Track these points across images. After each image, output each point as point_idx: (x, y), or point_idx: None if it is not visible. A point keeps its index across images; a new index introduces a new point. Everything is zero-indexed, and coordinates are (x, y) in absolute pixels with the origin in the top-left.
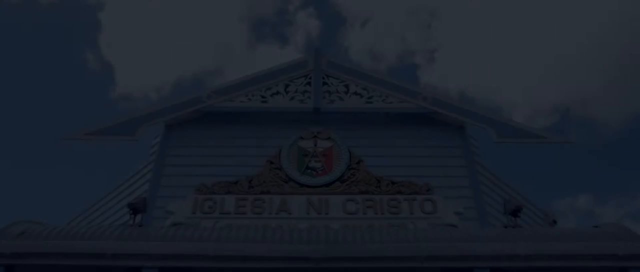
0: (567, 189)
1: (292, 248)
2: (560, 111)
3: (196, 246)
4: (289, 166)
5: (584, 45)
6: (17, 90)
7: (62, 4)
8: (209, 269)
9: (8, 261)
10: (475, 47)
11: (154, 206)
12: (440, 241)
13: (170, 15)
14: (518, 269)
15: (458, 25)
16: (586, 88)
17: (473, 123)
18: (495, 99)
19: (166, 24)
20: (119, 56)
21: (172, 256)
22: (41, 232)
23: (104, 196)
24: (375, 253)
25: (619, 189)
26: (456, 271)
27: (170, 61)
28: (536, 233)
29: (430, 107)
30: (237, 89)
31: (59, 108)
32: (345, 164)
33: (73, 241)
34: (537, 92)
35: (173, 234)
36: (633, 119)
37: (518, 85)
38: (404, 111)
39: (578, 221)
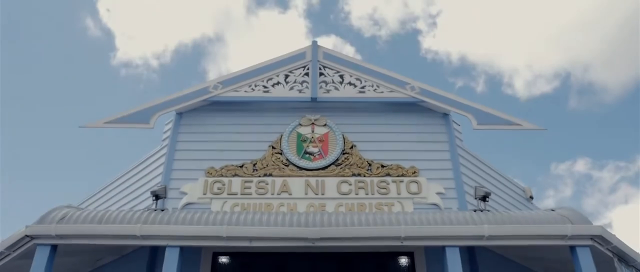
0: (566, 153)
1: (292, 230)
2: (561, 76)
3: (211, 229)
4: (289, 150)
5: (586, 11)
6: (17, 60)
7: None
8: (222, 247)
9: (53, 241)
10: (477, 12)
11: (169, 187)
12: (417, 224)
13: None
14: (483, 247)
15: None
16: (587, 53)
17: (456, 111)
18: (496, 64)
19: None
20: (119, 22)
21: (191, 236)
22: (79, 216)
23: (121, 176)
24: (362, 234)
25: (617, 154)
26: (431, 248)
27: (170, 28)
28: (499, 217)
29: (418, 97)
30: (241, 79)
31: (60, 76)
32: (340, 149)
33: (107, 224)
34: (538, 57)
35: (191, 218)
36: (633, 84)
37: (519, 50)
38: (394, 100)
39: (576, 185)
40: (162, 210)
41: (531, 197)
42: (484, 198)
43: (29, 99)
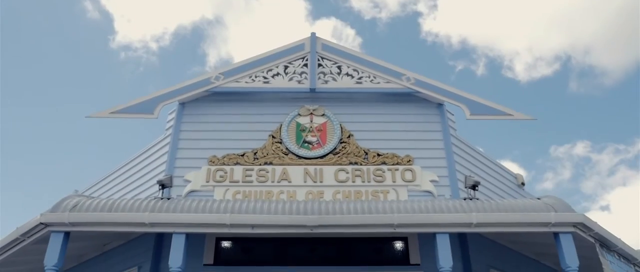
0: (566, 136)
1: (292, 217)
2: (561, 59)
3: (216, 216)
4: (289, 140)
5: None
6: (15, 43)
7: None
8: (225, 233)
9: (66, 229)
10: None
11: (173, 175)
12: (409, 212)
13: None
14: (471, 233)
15: None
16: (588, 36)
17: (450, 101)
18: (497, 47)
19: None
20: (117, 5)
21: (197, 224)
22: (90, 204)
23: (125, 164)
24: (357, 221)
25: (616, 137)
26: (422, 234)
27: (170, 10)
28: (487, 205)
29: (413, 87)
30: (242, 70)
31: (59, 59)
32: (338, 138)
33: (116, 212)
34: (538, 40)
35: (196, 206)
36: (634, 67)
37: (520, 33)
38: (390, 90)
39: (575, 168)
40: (168, 198)
41: (523, 184)
42: (473, 187)
43: (28, 82)
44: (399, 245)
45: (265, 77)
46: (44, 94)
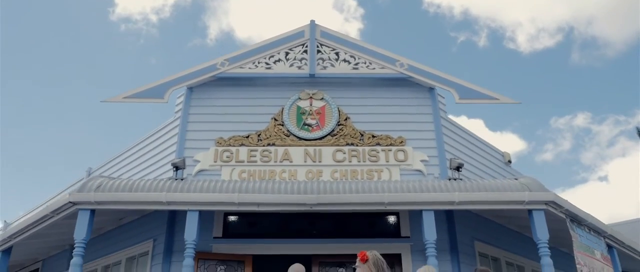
0: (566, 108)
1: (293, 197)
2: (564, 31)
3: (225, 196)
4: (290, 122)
5: None
6: (16, 18)
7: None
8: (234, 211)
9: (92, 207)
10: None
11: (183, 155)
12: (399, 191)
13: None
14: (455, 210)
15: None
16: (591, 7)
17: (440, 86)
18: (499, 18)
19: None
20: None
21: (208, 202)
22: (112, 185)
23: (137, 144)
24: (352, 200)
25: (617, 108)
26: (410, 212)
27: None
28: (468, 185)
29: (406, 73)
30: (245, 57)
31: (60, 32)
32: (335, 120)
33: (136, 192)
34: (541, 10)
35: (208, 186)
36: (636, 38)
37: (523, 4)
38: (385, 76)
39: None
40: (182, 179)
41: (509, 162)
42: (457, 168)
43: (29, 56)
44: (391, 219)
45: (267, 63)
46: (45, 69)
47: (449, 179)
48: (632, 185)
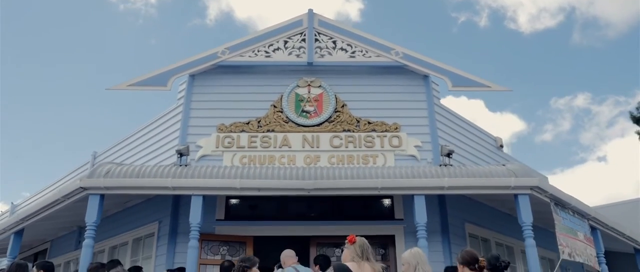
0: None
1: (292, 182)
2: (565, 10)
3: (228, 181)
4: (288, 109)
5: None
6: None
7: None
8: (236, 196)
9: (101, 192)
10: None
11: (186, 141)
12: (391, 177)
13: None
14: (445, 195)
15: None
16: None
17: (434, 74)
18: None
19: None
20: None
21: (212, 187)
22: (120, 171)
23: (141, 129)
24: (347, 185)
25: (617, 89)
26: (403, 196)
27: None
28: (457, 171)
29: (401, 61)
30: (245, 45)
31: (59, 13)
32: (333, 107)
33: (143, 178)
34: None
35: (211, 172)
36: (637, 19)
37: None
38: (380, 64)
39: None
40: (186, 165)
41: (501, 146)
42: (448, 155)
43: (30, 35)
44: (385, 203)
45: (266, 52)
46: (44, 51)
47: (440, 165)
48: (630, 165)
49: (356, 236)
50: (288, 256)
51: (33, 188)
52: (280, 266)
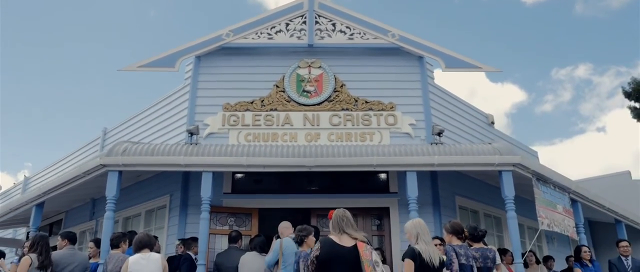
0: (568, 59)
1: (294, 159)
2: None
3: (235, 159)
4: (290, 89)
5: None
6: None
7: None
8: (243, 172)
9: (119, 169)
10: None
11: (193, 120)
12: (386, 155)
13: None
14: (435, 172)
15: None
16: None
17: (428, 55)
18: None
19: None
20: None
21: (221, 164)
22: (136, 149)
23: (149, 107)
24: (345, 162)
25: (618, 60)
26: (396, 172)
27: None
28: (447, 149)
29: (397, 43)
30: (249, 28)
31: None
32: (332, 87)
33: (157, 156)
34: None
35: (220, 150)
36: None
37: None
38: (377, 45)
39: (575, 90)
40: (196, 144)
41: (492, 123)
42: (439, 134)
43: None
44: (381, 177)
45: (269, 34)
46: (43, 22)
47: (432, 144)
48: (629, 136)
49: (336, 209)
50: (285, 227)
51: (34, 159)
52: (278, 237)
